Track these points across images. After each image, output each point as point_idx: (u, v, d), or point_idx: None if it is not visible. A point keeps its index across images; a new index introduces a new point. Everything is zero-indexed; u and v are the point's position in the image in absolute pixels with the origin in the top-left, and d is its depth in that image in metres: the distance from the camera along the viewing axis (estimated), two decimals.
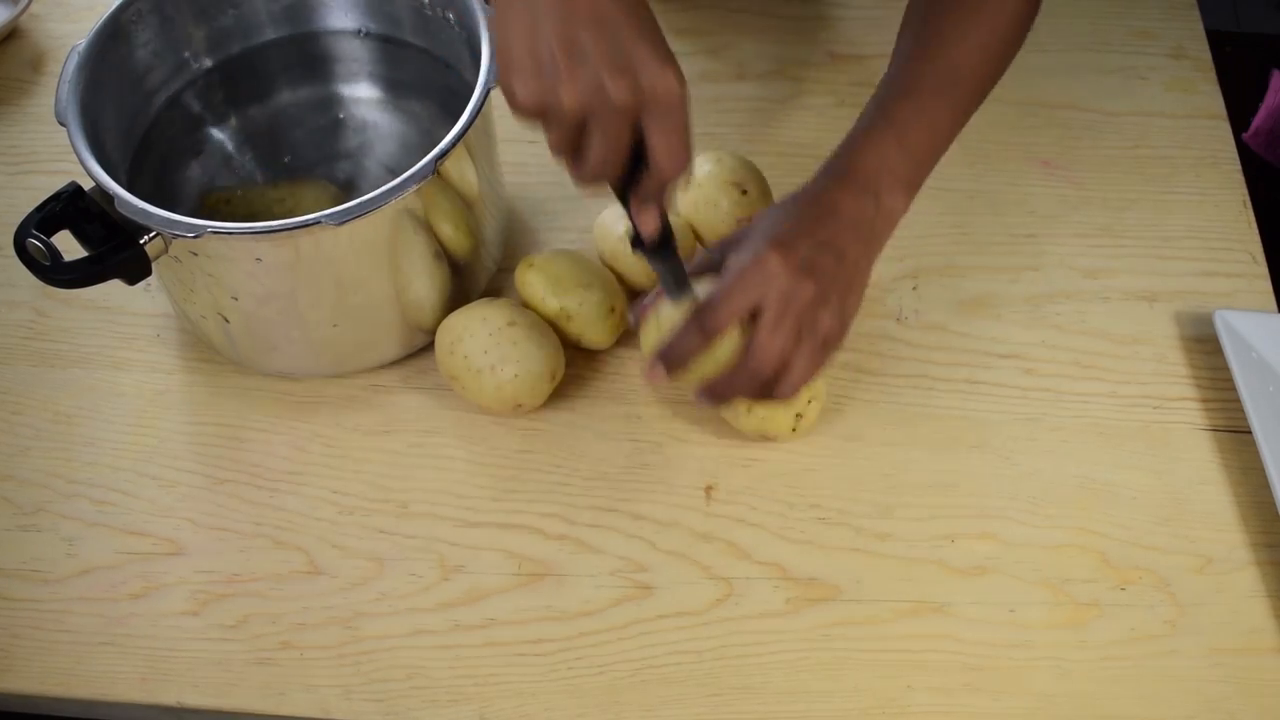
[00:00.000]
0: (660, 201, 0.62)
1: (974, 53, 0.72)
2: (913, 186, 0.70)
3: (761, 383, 0.66)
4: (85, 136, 0.69)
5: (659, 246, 0.64)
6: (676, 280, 0.66)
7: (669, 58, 0.56)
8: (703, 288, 0.68)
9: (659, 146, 0.58)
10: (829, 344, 0.66)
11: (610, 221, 0.79)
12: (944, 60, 0.71)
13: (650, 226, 0.62)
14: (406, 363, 0.78)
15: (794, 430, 0.72)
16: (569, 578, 0.70)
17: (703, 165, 0.80)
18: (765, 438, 0.73)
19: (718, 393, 0.68)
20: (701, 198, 0.79)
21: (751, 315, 0.65)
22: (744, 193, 0.78)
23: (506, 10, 0.56)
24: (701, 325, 0.65)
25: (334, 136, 0.84)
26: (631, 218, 0.63)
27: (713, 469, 0.74)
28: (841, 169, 0.69)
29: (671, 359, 0.66)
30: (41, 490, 0.74)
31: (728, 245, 0.70)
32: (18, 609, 0.69)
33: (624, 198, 0.62)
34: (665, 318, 0.70)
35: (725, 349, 0.67)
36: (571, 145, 0.58)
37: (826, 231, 0.66)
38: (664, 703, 0.65)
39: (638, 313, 0.73)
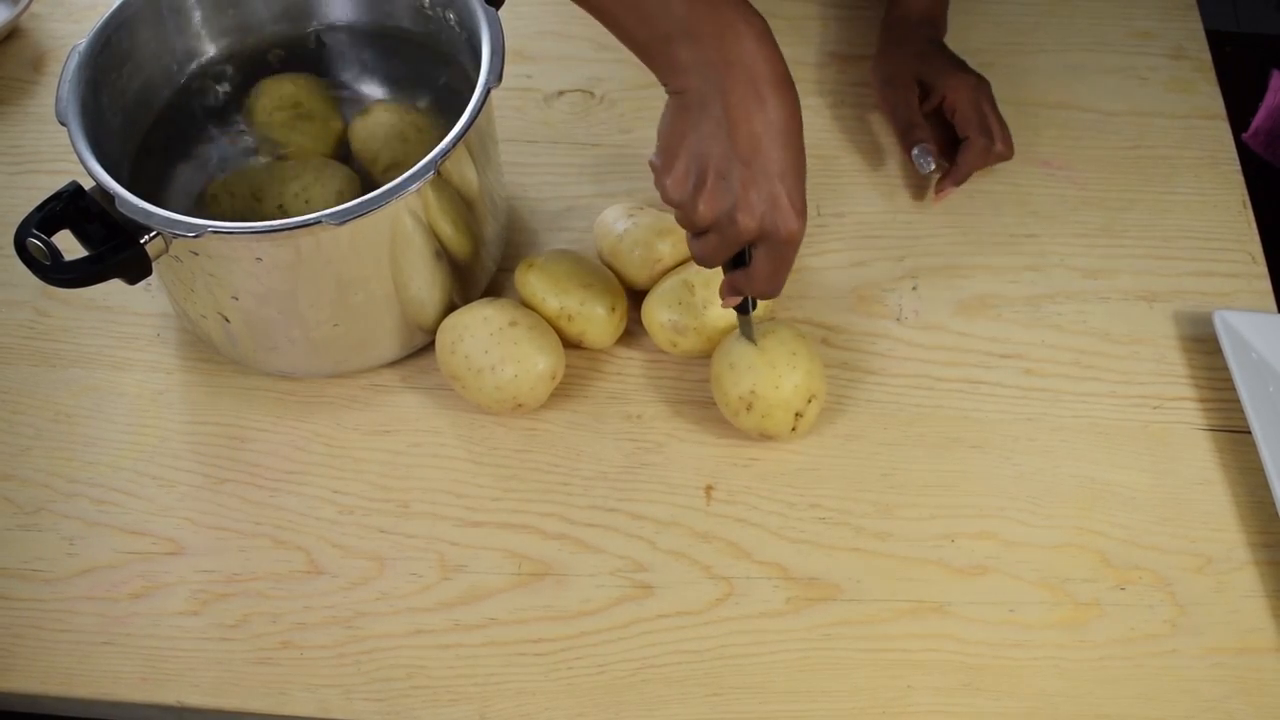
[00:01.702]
0: (743, 296, 0.69)
1: None
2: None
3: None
4: (85, 136, 0.69)
5: (739, 310, 0.72)
6: (747, 335, 0.73)
7: (799, 207, 0.63)
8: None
9: (761, 270, 0.66)
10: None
11: (610, 220, 0.79)
12: None
13: (730, 306, 0.70)
14: (406, 363, 0.78)
15: (793, 429, 0.72)
16: (569, 577, 0.70)
17: None
18: (765, 436, 0.73)
19: (974, 167, 0.85)
20: None
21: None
22: None
23: (680, 112, 0.63)
24: (986, 142, 0.84)
25: None
26: (724, 284, 0.70)
27: (713, 469, 0.74)
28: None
29: (964, 178, 0.85)
30: (42, 490, 0.74)
31: (898, 87, 0.88)
32: (19, 609, 0.69)
33: (725, 267, 0.69)
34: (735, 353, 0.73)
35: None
36: (697, 233, 0.66)
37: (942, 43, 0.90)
38: (664, 702, 0.65)
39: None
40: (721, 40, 0.60)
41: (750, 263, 0.66)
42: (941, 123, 0.87)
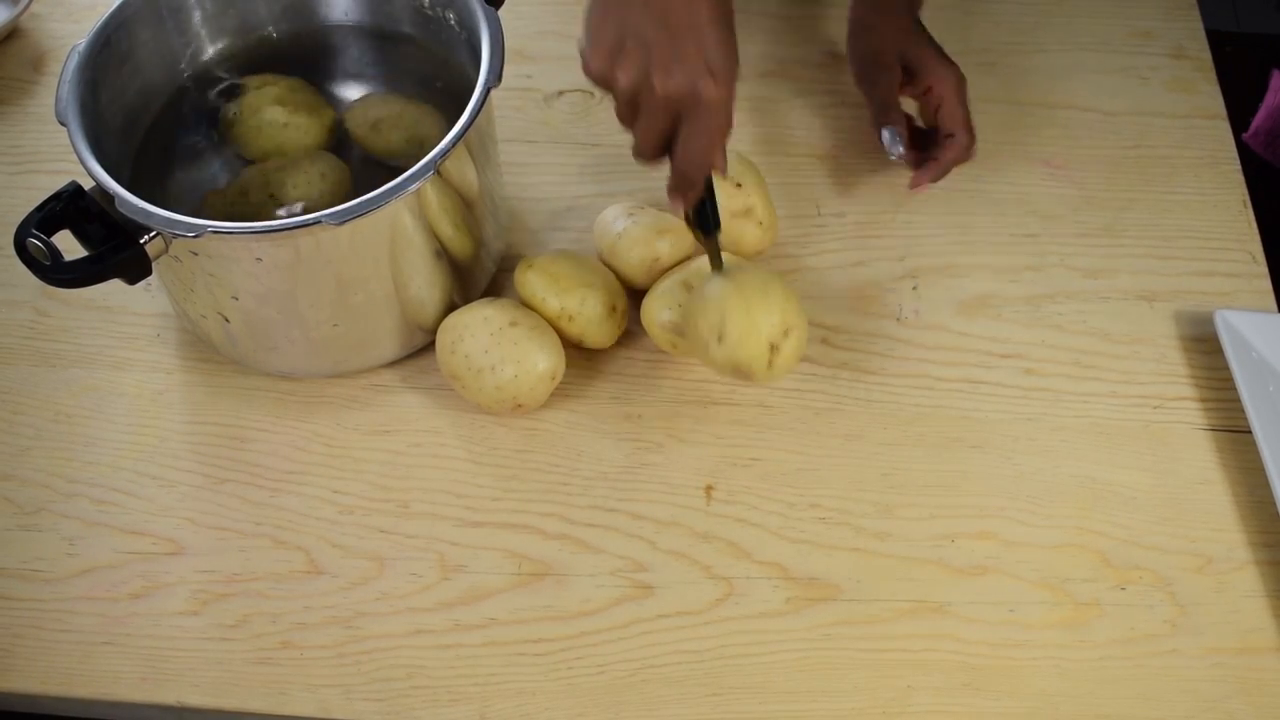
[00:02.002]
0: (682, 191, 0.67)
1: None
2: None
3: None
4: (85, 136, 0.69)
5: (696, 226, 0.70)
6: (711, 261, 0.72)
7: (719, 67, 0.62)
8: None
9: (685, 141, 0.64)
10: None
11: (610, 220, 0.79)
12: None
13: (676, 211, 0.69)
14: (406, 363, 0.78)
15: (769, 365, 0.69)
16: (569, 577, 0.70)
17: None
18: (740, 375, 0.70)
19: (949, 167, 0.83)
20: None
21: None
22: (738, 186, 0.78)
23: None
24: (968, 141, 0.83)
25: None
26: (668, 182, 0.69)
27: (713, 469, 0.74)
28: None
29: (942, 175, 0.83)
30: (42, 490, 0.74)
31: (878, 69, 0.86)
32: (19, 609, 0.69)
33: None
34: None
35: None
36: (629, 120, 0.66)
37: (921, 25, 0.85)
38: (664, 702, 0.65)
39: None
40: None
41: (678, 139, 0.65)
42: (909, 108, 0.85)
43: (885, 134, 0.82)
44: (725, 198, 0.78)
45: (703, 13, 0.62)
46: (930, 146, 0.83)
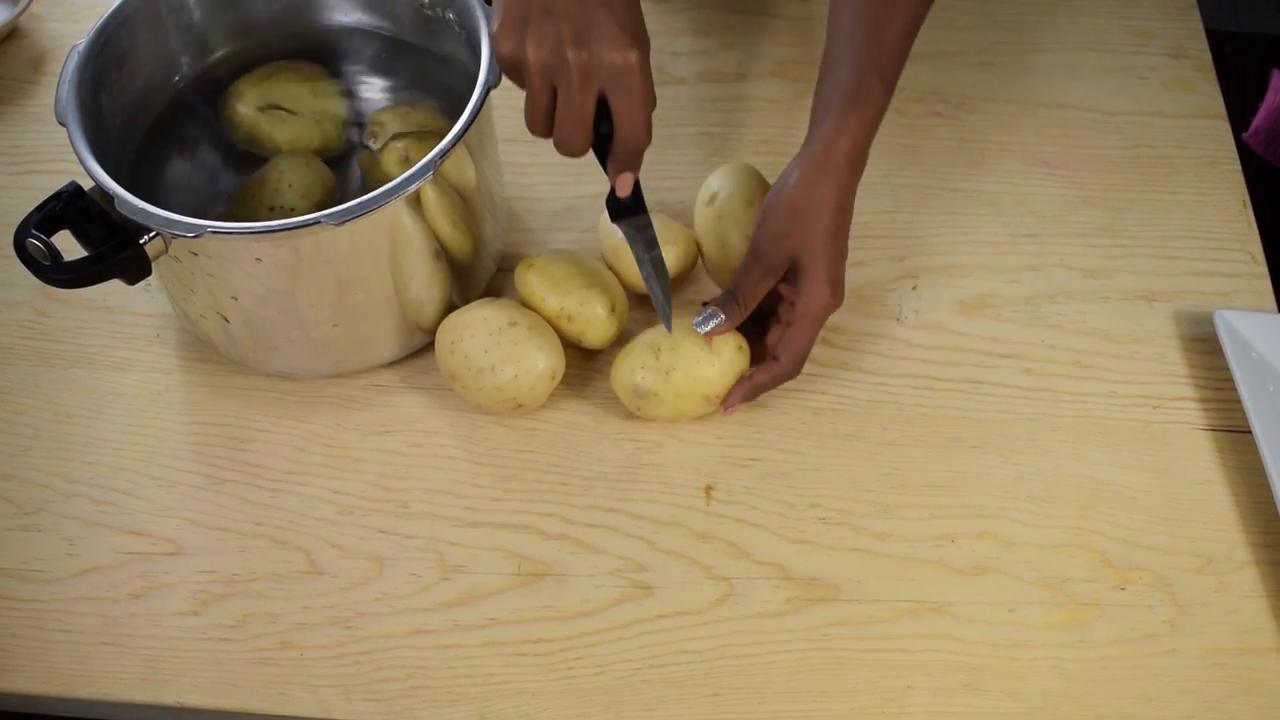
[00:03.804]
0: (631, 168, 0.66)
1: (922, 2, 0.75)
2: (870, 145, 0.74)
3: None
4: (85, 136, 0.69)
5: (632, 211, 0.69)
6: (646, 243, 0.71)
7: (634, 33, 0.60)
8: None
9: (620, 116, 0.63)
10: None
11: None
12: (903, 13, 0.74)
13: (624, 190, 0.67)
14: (406, 363, 0.78)
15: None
16: (569, 578, 0.70)
17: (721, 184, 0.79)
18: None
19: (757, 390, 0.74)
20: (718, 227, 0.78)
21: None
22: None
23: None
24: (792, 371, 0.73)
25: None
26: (611, 182, 0.68)
27: (713, 469, 0.74)
28: (836, 150, 0.71)
29: (754, 396, 0.74)
30: (42, 490, 0.74)
31: (762, 263, 0.72)
32: (19, 609, 0.69)
33: (604, 164, 0.67)
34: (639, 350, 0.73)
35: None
36: (545, 112, 0.63)
37: (845, 233, 0.72)
38: (664, 703, 0.65)
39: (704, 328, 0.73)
40: None
41: (612, 116, 0.63)
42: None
43: (707, 311, 0.72)
44: (741, 238, 0.77)
45: None
46: (761, 336, 0.75)
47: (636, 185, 0.68)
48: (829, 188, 0.70)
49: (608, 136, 0.65)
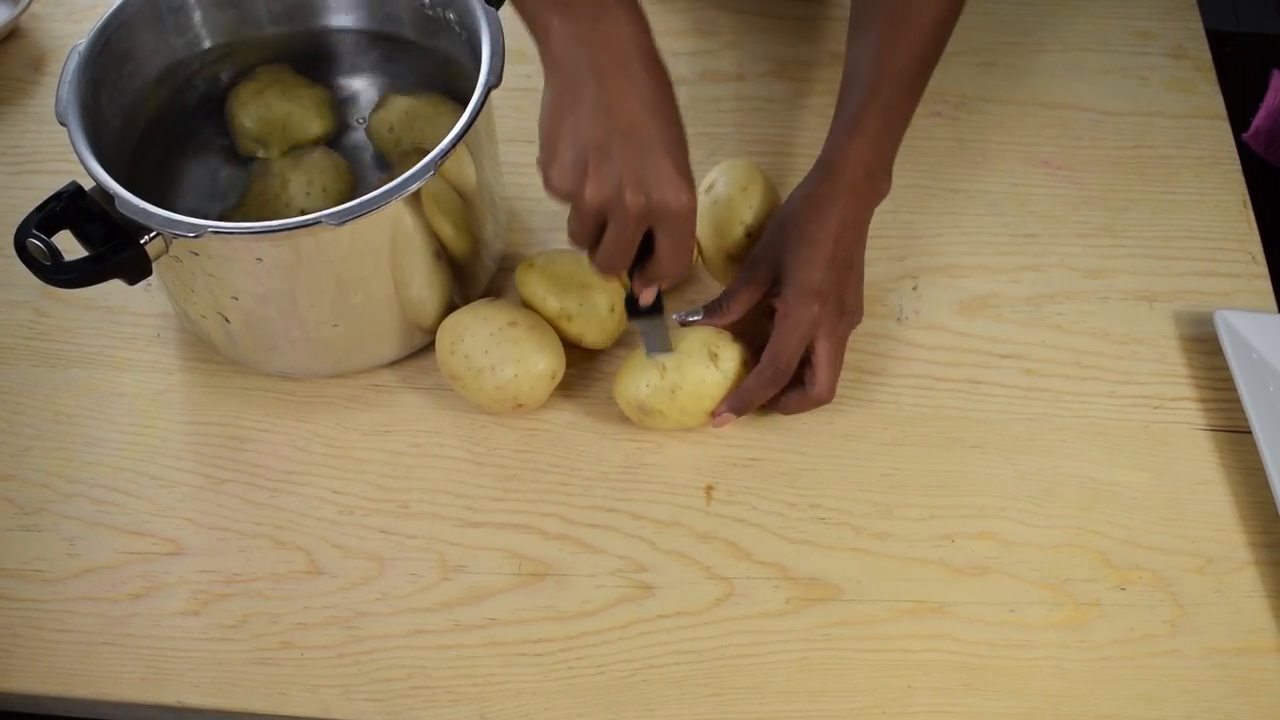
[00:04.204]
0: (660, 285, 0.70)
1: (941, 16, 0.76)
2: (893, 162, 0.76)
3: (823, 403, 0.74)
4: (85, 136, 0.69)
5: (652, 313, 0.71)
6: (660, 342, 0.73)
7: (686, 177, 0.63)
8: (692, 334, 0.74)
9: (665, 252, 0.65)
10: (846, 337, 0.74)
11: None
12: (917, 33, 0.75)
13: (648, 300, 0.70)
14: (406, 363, 0.78)
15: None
16: (569, 578, 0.70)
17: (718, 182, 0.79)
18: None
19: (787, 409, 0.75)
20: (713, 212, 0.79)
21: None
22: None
23: (557, 100, 0.63)
24: (773, 378, 0.72)
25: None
26: (633, 288, 0.70)
27: (713, 469, 0.74)
28: (842, 169, 0.74)
29: (744, 406, 0.73)
30: (42, 490, 0.74)
31: (753, 272, 0.74)
32: (19, 609, 0.69)
33: (630, 272, 0.68)
34: (638, 367, 0.73)
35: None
36: (591, 235, 0.65)
37: (843, 250, 0.73)
38: (664, 703, 0.65)
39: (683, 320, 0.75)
40: (594, 14, 0.61)
41: (655, 249, 0.65)
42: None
43: (686, 312, 0.75)
44: (736, 242, 0.78)
45: (662, 121, 0.63)
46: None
47: (659, 293, 0.70)
48: (823, 205, 0.72)
49: (640, 253, 0.67)
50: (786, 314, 0.71)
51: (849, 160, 0.73)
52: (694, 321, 0.74)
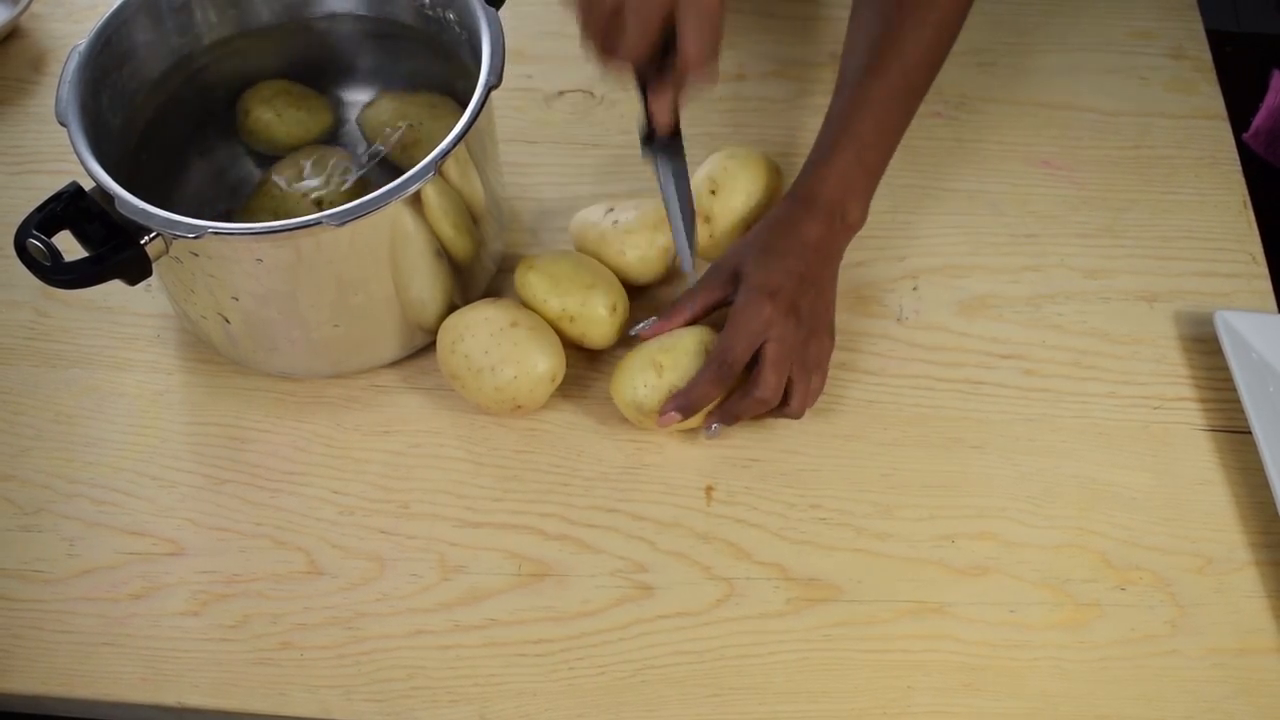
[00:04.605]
0: (679, 94, 0.66)
1: (926, 53, 0.77)
2: (869, 196, 0.77)
3: (769, 408, 0.73)
4: (85, 136, 0.69)
5: (668, 142, 0.68)
6: (677, 180, 0.70)
7: None
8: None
9: (689, 37, 0.62)
10: (820, 365, 0.74)
11: (593, 218, 0.79)
12: (899, 67, 0.76)
13: (666, 117, 0.67)
14: (407, 363, 0.78)
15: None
16: (569, 578, 0.70)
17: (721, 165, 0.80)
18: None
19: (729, 417, 0.73)
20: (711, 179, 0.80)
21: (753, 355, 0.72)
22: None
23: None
24: (718, 375, 0.71)
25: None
26: (648, 111, 0.67)
27: (713, 469, 0.74)
28: (810, 196, 0.75)
29: (690, 405, 0.71)
30: (42, 490, 0.74)
31: (713, 275, 0.75)
32: (19, 609, 0.69)
33: (644, 91, 0.66)
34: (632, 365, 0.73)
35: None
36: (604, 28, 0.63)
37: (804, 266, 0.73)
38: (664, 703, 0.65)
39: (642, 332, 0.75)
40: None
41: (678, 39, 0.63)
42: None
43: (633, 329, 0.75)
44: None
45: None
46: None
47: (676, 116, 0.68)
48: (789, 226, 0.74)
49: (658, 61, 0.63)
50: (736, 312, 0.71)
51: (819, 191, 0.74)
52: (646, 328, 0.74)
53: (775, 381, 0.71)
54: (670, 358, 0.72)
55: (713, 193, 0.79)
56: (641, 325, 0.75)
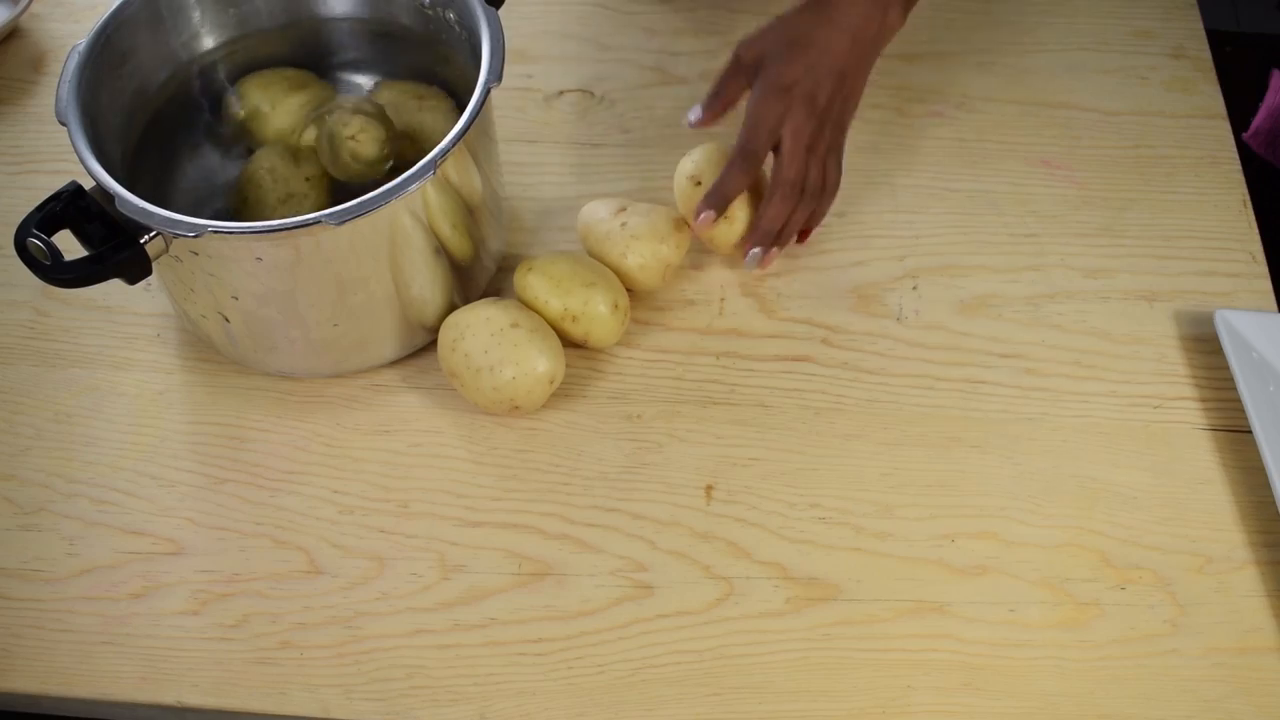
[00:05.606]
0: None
1: None
2: (910, 3, 0.77)
3: (794, 201, 0.76)
4: (85, 136, 0.69)
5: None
6: None
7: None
8: None
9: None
10: (834, 152, 0.77)
11: (602, 214, 0.79)
12: None
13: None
14: (406, 362, 0.78)
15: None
16: (569, 577, 0.70)
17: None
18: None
19: (765, 228, 0.77)
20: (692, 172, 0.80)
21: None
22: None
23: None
24: (743, 165, 0.75)
25: None
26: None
27: (713, 469, 0.74)
28: None
29: (719, 198, 0.75)
30: (42, 490, 0.74)
31: (736, 64, 0.77)
32: (19, 609, 0.69)
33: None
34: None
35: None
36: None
37: (830, 55, 0.74)
38: (664, 702, 0.65)
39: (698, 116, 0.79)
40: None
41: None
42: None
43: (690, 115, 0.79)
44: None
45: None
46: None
47: None
48: (817, 10, 0.74)
49: None
50: (752, 105, 0.74)
51: None
52: (693, 121, 0.78)
53: (798, 164, 0.74)
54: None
55: (697, 184, 0.78)
56: (691, 116, 0.78)
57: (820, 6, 0.74)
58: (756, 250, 0.77)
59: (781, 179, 0.75)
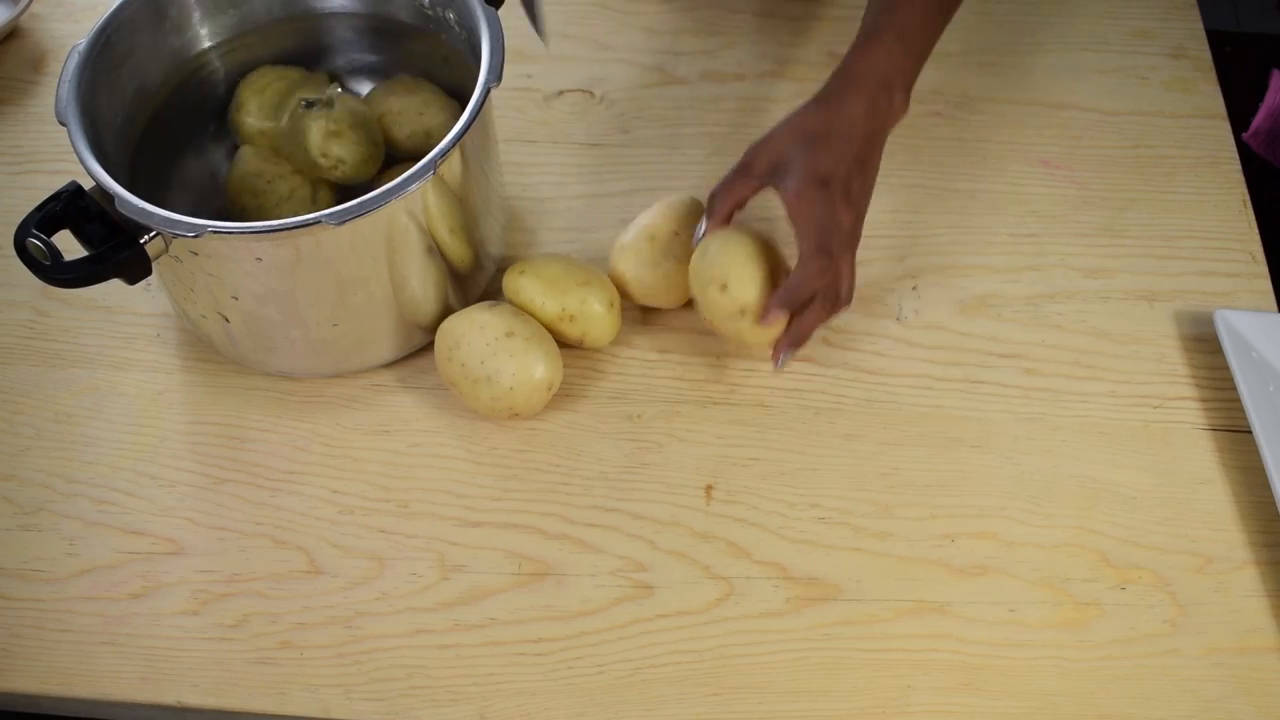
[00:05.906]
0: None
1: None
2: (912, 82, 0.76)
3: (831, 308, 0.73)
4: (85, 136, 0.69)
5: None
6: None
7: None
8: None
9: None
10: (855, 240, 0.74)
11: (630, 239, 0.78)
12: None
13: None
14: (406, 363, 0.78)
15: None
16: (569, 577, 0.70)
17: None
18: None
19: (803, 333, 0.73)
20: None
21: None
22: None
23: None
24: (819, 265, 0.70)
25: None
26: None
27: (713, 469, 0.74)
28: (857, 73, 0.74)
29: (795, 303, 0.72)
30: (42, 490, 0.74)
31: (747, 167, 0.74)
32: (19, 609, 0.69)
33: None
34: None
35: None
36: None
37: (853, 148, 0.73)
38: (664, 702, 0.65)
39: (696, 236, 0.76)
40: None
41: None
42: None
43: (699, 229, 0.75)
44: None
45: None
46: None
47: None
48: (836, 102, 0.73)
49: None
50: (800, 206, 0.70)
51: (866, 68, 0.73)
52: (699, 230, 0.74)
53: (847, 270, 0.72)
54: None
55: (724, 288, 0.73)
56: (697, 232, 0.74)
57: (829, 101, 0.73)
58: (787, 353, 0.73)
59: (823, 286, 0.71)
